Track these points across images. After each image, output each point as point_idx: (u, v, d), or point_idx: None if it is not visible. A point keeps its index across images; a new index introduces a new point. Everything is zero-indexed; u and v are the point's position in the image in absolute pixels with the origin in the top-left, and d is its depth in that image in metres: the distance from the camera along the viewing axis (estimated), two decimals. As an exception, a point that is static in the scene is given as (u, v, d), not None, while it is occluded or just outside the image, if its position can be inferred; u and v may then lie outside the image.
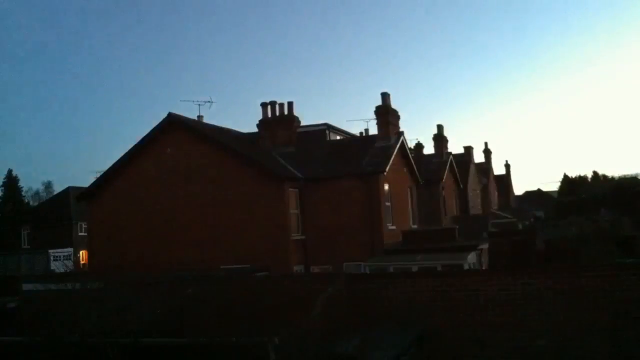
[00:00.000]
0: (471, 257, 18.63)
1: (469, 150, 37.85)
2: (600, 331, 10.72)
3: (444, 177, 29.50)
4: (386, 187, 21.48)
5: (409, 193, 25.05)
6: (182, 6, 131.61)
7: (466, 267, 17.37)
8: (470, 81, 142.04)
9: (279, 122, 24.27)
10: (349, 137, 27.16)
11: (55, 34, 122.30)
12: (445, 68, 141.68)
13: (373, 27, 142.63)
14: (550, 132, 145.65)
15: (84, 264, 40.38)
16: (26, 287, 15.79)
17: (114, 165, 22.17)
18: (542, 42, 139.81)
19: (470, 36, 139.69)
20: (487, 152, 44.59)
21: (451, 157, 31.58)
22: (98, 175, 23.10)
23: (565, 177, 67.04)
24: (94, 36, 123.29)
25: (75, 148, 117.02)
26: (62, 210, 50.20)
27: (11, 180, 65.45)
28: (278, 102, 24.58)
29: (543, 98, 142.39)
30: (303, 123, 24.94)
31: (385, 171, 20.78)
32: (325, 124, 25.30)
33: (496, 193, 46.20)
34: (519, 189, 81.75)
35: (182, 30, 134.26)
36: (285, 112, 24.41)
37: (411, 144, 30.48)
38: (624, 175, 55.56)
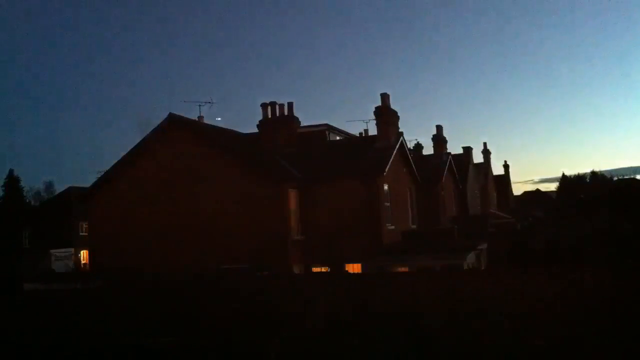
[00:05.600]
0: (470, 257, 18.72)
1: (468, 150, 37.86)
2: (599, 331, 10.80)
3: (443, 177, 29.55)
4: (386, 187, 21.56)
5: (408, 193, 25.13)
6: (183, 6, 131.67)
7: (465, 267, 17.48)
8: (470, 82, 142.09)
9: (279, 122, 24.33)
10: (348, 138, 27.25)
11: (56, 32, 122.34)
12: (444, 68, 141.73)
13: (373, 27, 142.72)
14: (549, 131, 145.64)
15: (84, 264, 40.47)
16: (27, 286, 15.90)
17: (114, 165, 22.25)
18: (541, 42, 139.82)
19: (469, 36, 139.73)
20: (486, 153, 44.60)
21: (450, 157, 31.63)
22: (99, 175, 23.18)
23: (564, 176, 67.10)
24: (95, 36, 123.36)
25: (76, 148, 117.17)
26: (63, 210, 50.35)
27: (12, 180, 65.38)
28: (278, 102, 24.66)
29: (542, 97, 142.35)
30: (303, 123, 25.04)
31: (384, 172, 20.85)
32: (325, 125, 25.39)
33: (495, 193, 46.23)
34: (517, 189, 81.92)
35: (183, 31, 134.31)
36: (286, 113, 24.47)
37: (410, 144, 30.55)
38: (620, 170, 55.52)
